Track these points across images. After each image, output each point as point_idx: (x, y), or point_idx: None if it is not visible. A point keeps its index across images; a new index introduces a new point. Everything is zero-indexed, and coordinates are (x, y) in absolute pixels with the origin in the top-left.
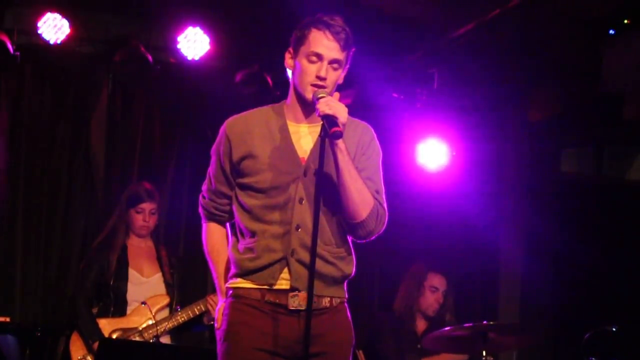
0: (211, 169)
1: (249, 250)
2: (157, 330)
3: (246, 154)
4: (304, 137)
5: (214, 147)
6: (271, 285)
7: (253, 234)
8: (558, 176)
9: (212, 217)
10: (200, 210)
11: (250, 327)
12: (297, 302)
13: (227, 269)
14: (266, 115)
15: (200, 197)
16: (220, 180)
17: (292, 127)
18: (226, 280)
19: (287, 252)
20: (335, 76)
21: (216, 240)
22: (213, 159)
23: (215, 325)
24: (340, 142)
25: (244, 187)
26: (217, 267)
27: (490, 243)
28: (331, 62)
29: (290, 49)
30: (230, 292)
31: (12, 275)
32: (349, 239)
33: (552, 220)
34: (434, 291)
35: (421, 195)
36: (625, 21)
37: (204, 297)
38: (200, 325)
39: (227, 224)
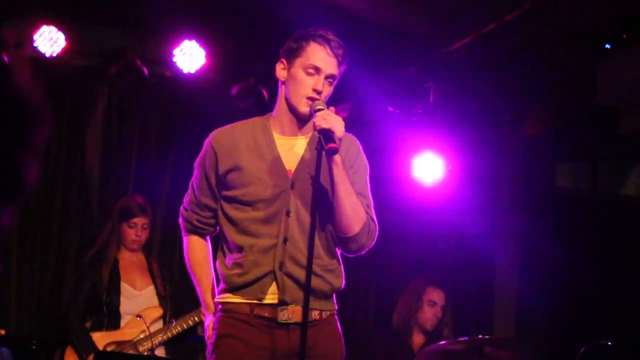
0: (195, 181)
1: (237, 265)
2: (151, 342)
3: (232, 166)
4: (291, 149)
5: (198, 159)
6: (260, 299)
7: (240, 249)
8: (553, 191)
9: (194, 230)
10: (181, 222)
11: (240, 340)
12: (286, 315)
13: (212, 283)
14: (252, 128)
15: (182, 209)
16: (205, 193)
17: (278, 139)
18: (214, 295)
19: (275, 265)
20: (329, 91)
21: (199, 254)
22: (197, 171)
23: (207, 340)
24: (336, 157)
25: (230, 200)
26: (202, 282)
27: (486, 257)
28: (327, 76)
29: (283, 60)
30: (220, 306)
31: (7, 288)
32: (338, 252)
33: (548, 235)
34: (432, 305)
35: (416, 209)
36: (623, 35)
37: (198, 309)
38: (194, 337)
39: (208, 237)
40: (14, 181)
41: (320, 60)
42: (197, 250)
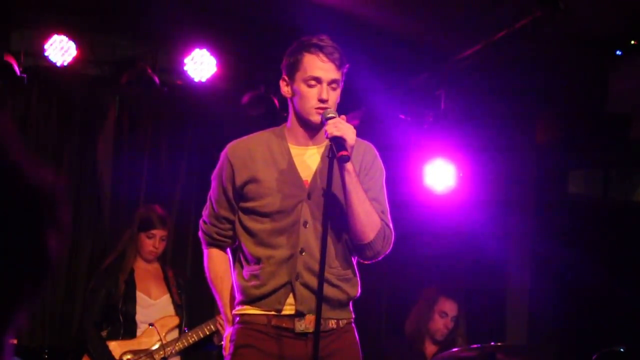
0: (213, 194)
1: (254, 277)
2: (166, 351)
3: (250, 178)
4: (307, 159)
5: (215, 172)
6: (279, 310)
7: (258, 261)
8: (565, 197)
9: (213, 243)
10: (201, 235)
11: (257, 350)
12: (304, 325)
13: (233, 296)
14: (267, 139)
15: (201, 223)
16: (223, 206)
17: (294, 149)
18: (232, 308)
19: (291, 276)
20: (336, 96)
21: (219, 267)
22: (214, 184)
23: (224, 352)
24: (348, 165)
25: (248, 212)
26: (222, 295)
27: (498, 264)
28: (330, 82)
29: (285, 77)
30: (237, 319)
31: None
32: (354, 260)
33: (560, 241)
34: (443, 316)
35: (428, 216)
36: (632, 42)
37: (214, 317)
38: (210, 345)
39: (229, 250)
40: (45, 262)
41: (317, 69)
42: (218, 264)
